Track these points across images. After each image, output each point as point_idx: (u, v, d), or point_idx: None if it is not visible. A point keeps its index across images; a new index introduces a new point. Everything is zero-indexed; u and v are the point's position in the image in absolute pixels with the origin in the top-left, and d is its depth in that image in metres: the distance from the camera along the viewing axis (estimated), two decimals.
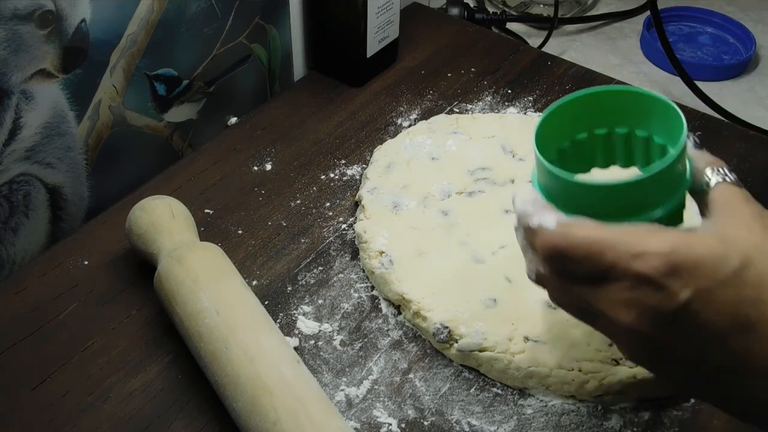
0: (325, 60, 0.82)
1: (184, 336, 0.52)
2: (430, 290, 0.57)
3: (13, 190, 0.60)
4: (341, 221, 0.66)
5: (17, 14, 0.54)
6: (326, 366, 0.55)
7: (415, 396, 0.53)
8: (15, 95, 0.57)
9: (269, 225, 0.65)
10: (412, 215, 0.63)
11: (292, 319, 0.58)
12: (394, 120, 0.76)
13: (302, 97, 0.79)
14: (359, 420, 0.52)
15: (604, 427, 0.52)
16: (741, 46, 0.97)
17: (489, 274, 0.58)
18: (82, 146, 0.64)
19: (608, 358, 0.53)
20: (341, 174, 0.70)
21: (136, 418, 0.51)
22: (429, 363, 0.55)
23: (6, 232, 0.61)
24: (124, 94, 0.65)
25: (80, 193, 0.66)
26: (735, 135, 0.75)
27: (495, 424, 0.52)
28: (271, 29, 0.77)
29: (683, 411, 0.53)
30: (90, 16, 0.59)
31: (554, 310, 0.56)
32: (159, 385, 0.53)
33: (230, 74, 0.75)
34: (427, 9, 0.93)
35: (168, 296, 0.53)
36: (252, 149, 0.72)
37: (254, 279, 0.61)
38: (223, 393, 0.49)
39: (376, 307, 0.59)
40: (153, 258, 0.57)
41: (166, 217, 0.58)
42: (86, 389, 0.53)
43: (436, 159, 0.68)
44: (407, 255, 0.59)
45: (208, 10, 0.69)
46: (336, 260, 0.62)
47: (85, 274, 0.61)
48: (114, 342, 0.56)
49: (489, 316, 0.55)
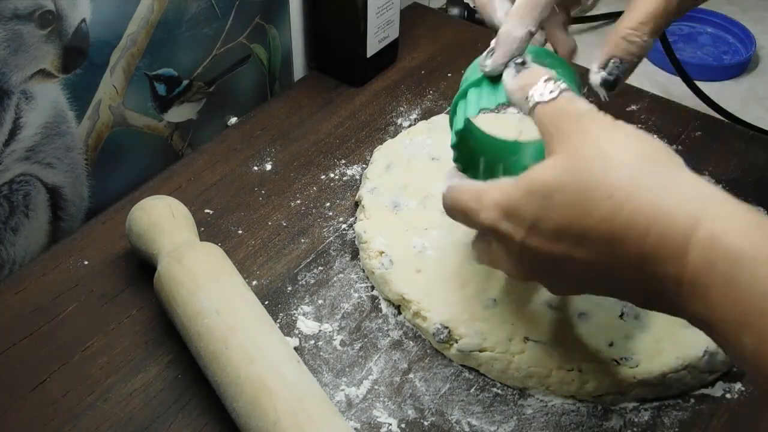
0: (325, 60, 0.82)
1: (184, 336, 0.52)
2: (430, 290, 0.57)
3: (13, 190, 0.60)
4: (341, 221, 0.66)
5: (17, 14, 0.54)
6: (326, 366, 0.55)
7: (415, 396, 0.53)
8: (15, 95, 0.57)
9: (269, 225, 0.65)
10: (412, 215, 0.63)
11: (292, 319, 0.58)
12: (394, 120, 0.76)
13: (302, 97, 0.79)
14: (359, 420, 0.52)
15: (604, 427, 0.52)
16: (741, 46, 0.97)
17: (489, 274, 0.58)
18: (82, 146, 0.64)
19: (608, 358, 0.53)
20: (341, 174, 0.70)
21: (136, 418, 0.51)
22: (429, 363, 0.55)
23: (6, 232, 0.61)
24: (124, 94, 0.65)
25: (80, 193, 0.66)
26: (735, 135, 0.75)
27: (495, 424, 0.52)
28: (271, 29, 0.77)
29: (683, 411, 0.53)
30: (90, 16, 0.59)
31: (554, 310, 0.56)
32: (159, 385, 0.54)
33: (230, 74, 0.75)
34: (427, 9, 0.93)
35: (168, 296, 0.53)
36: (252, 149, 0.72)
37: (254, 279, 0.61)
38: (223, 393, 0.49)
39: (376, 307, 0.59)
40: (153, 258, 0.57)
41: (166, 217, 0.58)
42: (86, 389, 0.53)
43: (436, 159, 0.67)
44: (407, 255, 0.59)
45: (208, 10, 0.69)
46: (336, 260, 0.62)
47: (85, 274, 0.61)
48: (114, 342, 0.56)
49: (489, 316, 0.55)
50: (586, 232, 0.38)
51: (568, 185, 0.38)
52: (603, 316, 0.55)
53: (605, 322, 0.55)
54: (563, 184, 0.38)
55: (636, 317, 0.55)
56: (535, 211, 0.39)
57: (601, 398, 0.53)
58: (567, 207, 0.38)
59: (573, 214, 0.38)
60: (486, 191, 0.43)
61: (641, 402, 0.53)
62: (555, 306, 0.56)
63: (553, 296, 0.56)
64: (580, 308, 0.56)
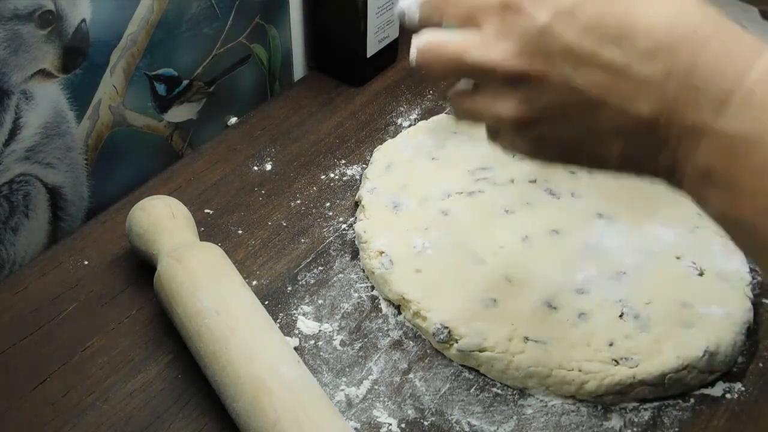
0: (325, 60, 0.82)
1: (184, 336, 0.52)
2: (430, 290, 0.57)
3: (13, 190, 0.60)
4: (341, 221, 0.66)
5: (17, 14, 0.54)
6: (326, 366, 0.55)
7: (415, 396, 0.53)
8: (15, 95, 0.57)
9: (269, 225, 0.65)
10: (412, 215, 0.63)
11: (292, 319, 0.58)
12: (394, 120, 0.76)
13: (302, 97, 0.79)
14: (359, 420, 0.52)
15: (604, 427, 0.52)
16: None
17: (489, 274, 0.58)
18: (82, 146, 0.64)
19: (608, 358, 0.53)
20: (341, 174, 0.70)
21: (136, 418, 0.51)
22: (429, 363, 0.55)
23: (6, 232, 0.61)
24: (124, 94, 0.65)
25: (80, 193, 0.66)
26: None
27: (495, 424, 0.52)
28: (271, 29, 0.77)
29: (683, 411, 0.53)
30: (90, 16, 0.59)
31: (554, 310, 0.56)
32: (159, 385, 0.53)
33: (230, 74, 0.75)
34: None
35: (168, 296, 0.53)
36: (252, 149, 0.72)
37: (254, 279, 0.61)
38: (223, 393, 0.49)
39: (376, 307, 0.59)
40: (153, 258, 0.57)
41: (166, 217, 0.58)
42: (86, 389, 0.53)
43: (436, 159, 0.67)
44: (407, 255, 0.59)
45: (208, 10, 0.69)
46: (336, 260, 0.62)
47: (85, 274, 0.61)
48: (114, 342, 0.56)
49: (489, 316, 0.55)
50: (633, 31, 0.35)
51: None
52: (603, 316, 0.55)
53: (605, 322, 0.55)
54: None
55: (636, 317, 0.55)
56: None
57: (601, 398, 0.53)
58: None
59: (621, 11, 0.35)
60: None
61: (641, 402, 0.53)
62: (555, 306, 0.56)
63: (553, 296, 0.56)
64: (580, 308, 0.56)
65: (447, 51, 0.39)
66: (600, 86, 0.35)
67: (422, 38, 0.40)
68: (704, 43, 0.34)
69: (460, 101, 0.42)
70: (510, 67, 0.37)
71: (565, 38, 0.36)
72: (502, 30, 0.37)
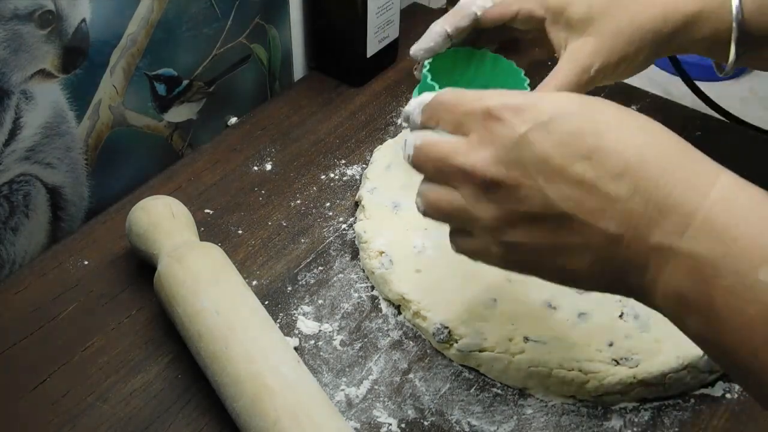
0: (325, 60, 0.82)
1: (184, 336, 0.52)
2: (430, 290, 0.57)
3: (13, 190, 0.60)
4: (341, 221, 0.66)
5: (17, 14, 0.54)
6: (326, 366, 0.55)
7: (415, 396, 0.53)
8: (15, 95, 0.57)
9: (269, 225, 0.65)
10: (412, 215, 0.63)
11: (292, 319, 0.58)
12: (394, 120, 0.76)
13: (302, 97, 0.79)
14: (359, 420, 0.52)
15: (604, 427, 0.52)
16: None
17: (489, 274, 0.58)
18: (82, 146, 0.64)
19: (608, 358, 0.53)
20: (341, 174, 0.70)
21: (136, 418, 0.51)
22: (429, 363, 0.55)
23: (6, 232, 0.61)
24: (124, 94, 0.65)
25: (80, 193, 0.66)
26: (735, 135, 0.75)
27: (495, 424, 0.52)
28: (271, 29, 0.77)
29: (683, 411, 0.53)
30: (90, 16, 0.59)
31: (554, 310, 0.56)
32: (159, 385, 0.53)
33: (230, 74, 0.75)
34: (427, 9, 0.93)
35: (168, 296, 0.53)
36: (252, 149, 0.72)
37: (254, 279, 0.61)
38: (223, 393, 0.49)
39: (376, 307, 0.59)
40: (153, 258, 0.57)
41: (166, 217, 0.58)
42: (86, 389, 0.53)
43: None
44: (407, 255, 0.59)
45: (208, 10, 0.69)
46: (336, 260, 0.62)
47: (85, 274, 0.61)
48: (114, 342, 0.56)
49: (489, 316, 0.55)
50: (605, 150, 0.36)
51: (576, 114, 0.38)
52: (603, 316, 0.55)
53: (605, 322, 0.55)
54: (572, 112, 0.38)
55: (636, 317, 0.55)
56: (554, 113, 0.38)
57: (601, 398, 0.53)
58: (572, 135, 0.37)
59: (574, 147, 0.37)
60: (489, 93, 0.41)
61: (641, 402, 0.53)
62: (555, 306, 0.56)
63: (552, 296, 0.56)
64: (580, 308, 0.56)
65: (435, 151, 0.41)
66: (570, 199, 0.37)
67: (419, 135, 0.42)
68: (670, 167, 0.35)
69: (435, 198, 0.42)
70: (487, 174, 0.39)
71: (539, 150, 0.37)
72: (485, 137, 0.39)
